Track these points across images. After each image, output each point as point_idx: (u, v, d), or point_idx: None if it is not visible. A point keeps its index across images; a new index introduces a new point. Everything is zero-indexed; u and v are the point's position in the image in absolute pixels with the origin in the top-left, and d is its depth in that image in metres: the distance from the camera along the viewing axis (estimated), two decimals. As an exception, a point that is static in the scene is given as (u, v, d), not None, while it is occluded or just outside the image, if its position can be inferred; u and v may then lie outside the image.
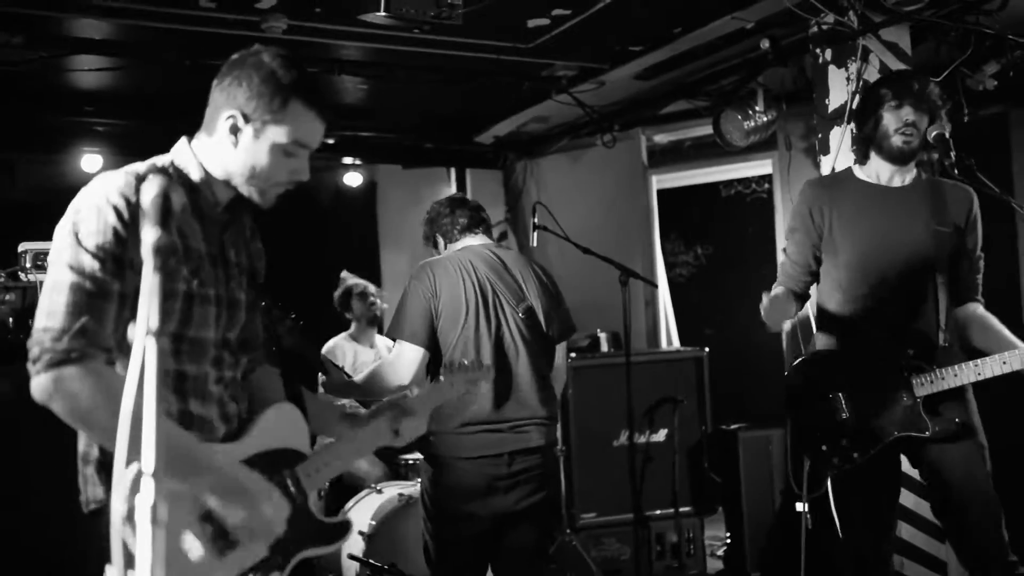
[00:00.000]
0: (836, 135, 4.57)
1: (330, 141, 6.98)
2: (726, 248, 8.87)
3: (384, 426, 2.50)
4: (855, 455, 3.21)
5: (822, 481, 3.31)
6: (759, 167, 7.19)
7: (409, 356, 3.38)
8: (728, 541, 5.60)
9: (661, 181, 7.39)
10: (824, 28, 4.55)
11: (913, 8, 4.32)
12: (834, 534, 3.72)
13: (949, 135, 3.23)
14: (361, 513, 4.63)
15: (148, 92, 5.92)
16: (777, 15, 4.73)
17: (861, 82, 4.45)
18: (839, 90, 4.57)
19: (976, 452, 3.19)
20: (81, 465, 2.07)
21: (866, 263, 3.29)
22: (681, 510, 5.49)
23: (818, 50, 4.67)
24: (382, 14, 4.14)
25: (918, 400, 3.16)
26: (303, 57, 5.16)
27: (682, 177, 7.56)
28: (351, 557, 4.41)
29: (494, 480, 3.35)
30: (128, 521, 1.33)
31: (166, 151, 2.24)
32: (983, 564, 3.15)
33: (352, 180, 7.65)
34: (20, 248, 4.31)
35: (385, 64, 5.61)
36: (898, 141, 3.23)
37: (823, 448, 3.28)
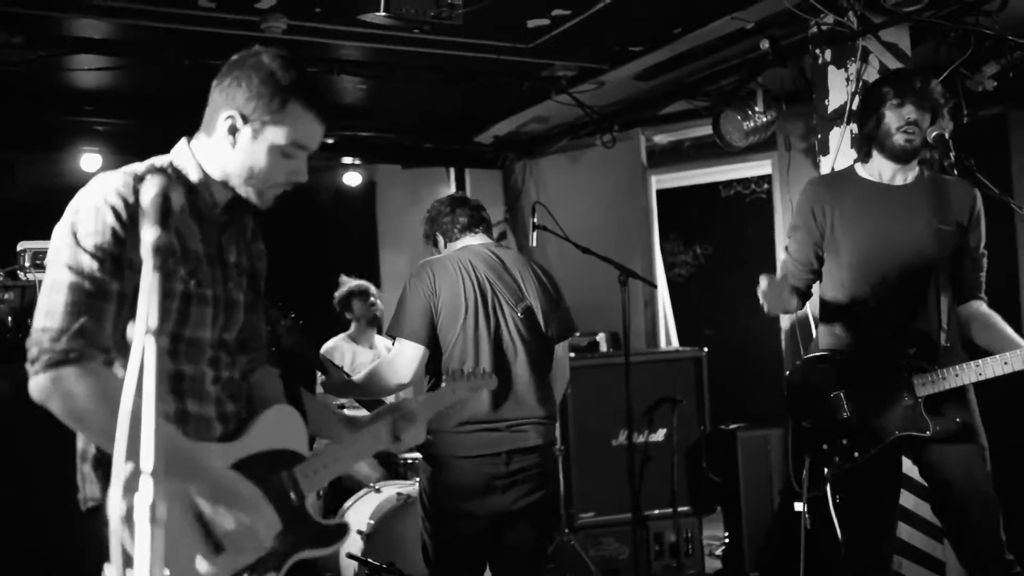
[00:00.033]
0: (836, 136, 4.57)
1: (330, 141, 6.98)
2: (725, 248, 8.87)
3: (384, 430, 2.50)
4: (856, 454, 3.21)
5: (823, 480, 3.31)
6: (758, 167, 7.18)
7: (409, 354, 3.38)
8: (726, 541, 5.60)
9: (660, 181, 7.39)
10: (824, 29, 4.55)
11: (913, 9, 4.32)
12: (833, 534, 3.73)
13: (950, 134, 3.23)
14: (360, 512, 4.63)
15: (148, 92, 5.92)
16: (777, 16, 4.72)
17: (861, 83, 4.44)
18: (839, 91, 4.57)
19: (976, 453, 3.19)
20: (79, 463, 2.08)
21: (867, 263, 3.28)
22: (680, 510, 5.48)
23: (818, 51, 4.66)
24: (382, 14, 4.14)
25: (919, 400, 3.16)
26: (303, 57, 5.17)
27: (681, 177, 7.56)
28: (350, 556, 4.41)
29: (492, 479, 3.35)
30: (127, 520, 1.33)
31: (166, 151, 2.24)
32: (983, 564, 3.15)
33: (351, 180, 7.64)
34: (19, 247, 4.31)
35: (385, 64, 5.61)
36: (900, 140, 3.22)
37: (824, 447, 3.28)
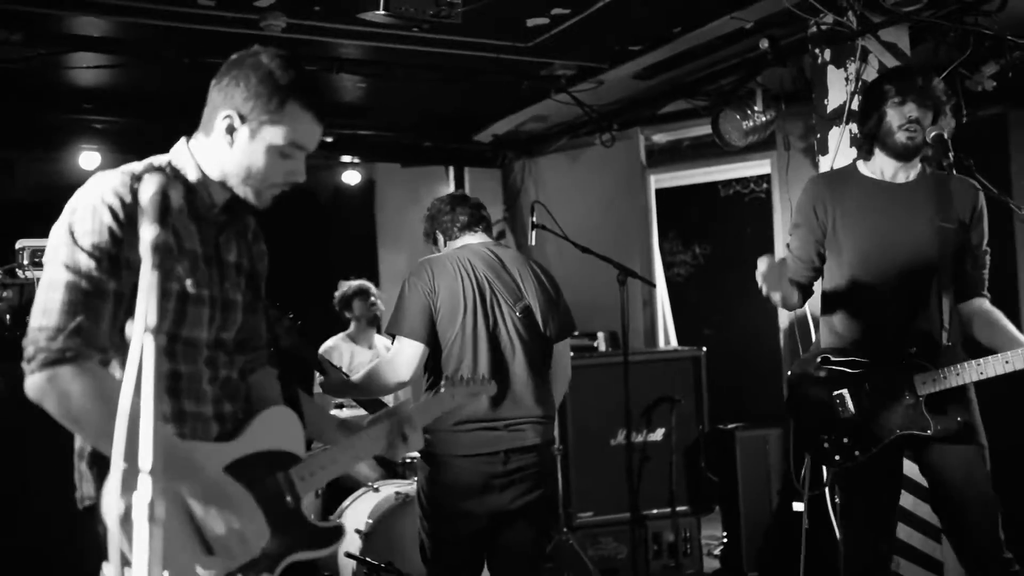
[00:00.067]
0: (835, 135, 4.57)
1: (329, 139, 6.98)
2: (724, 248, 8.87)
3: (382, 434, 2.49)
4: (857, 453, 3.20)
5: (823, 479, 3.31)
6: (758, 167, 7.18)
7: (408, 352, 3.38)
8: (725, 540, 5.61)
9: (659, 180, 7.38)
10: (823, 28, 4.55)
11: (912, 9, 4.32)
12: (832, 533, 3.73)
13: (952, 131, 3.22)
14: (358, 511, 4.63)
15: (147, 90, 5.92)
16: (776, 15, 4.72)
17: (860, 83, 4.44)
18: (838, 90, 4.57)
19: (977, 452, 3.19)
20: (77, 462, 2.08)
21: (869, 261, 3.28)
22: (678, 509, 5.48)
23: (817, 50, 4.66)
24: (381, 12, 4.14)
25: (921, 399, 3.15)
26: (302, 55, 5.18)
27: (680, 177, 7.55)
28: (348, 555, 4.41)
29: (490, 478, 3.35)
30: (125, 519, 1.33)
31: (165, 149, 2.23)
32: (982, 563, 3.15)
33: (351, 178, 7.64)
34: (17, 245, 4.30)
35: (384, 63, 5.61)
36: (902, 138, 3.21)
37: (825, 446, 3.27)
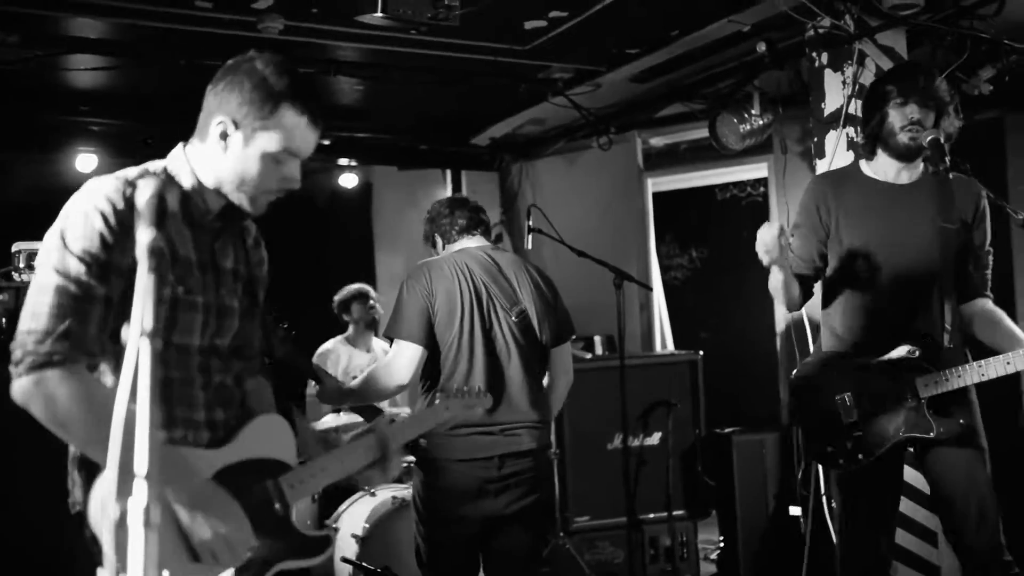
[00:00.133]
0: (832, 139, 4.57)
1: (326, 142, 6.97)
2: (721, 251, 8.87)
3: (364, 449, 2.44)
4: (860, 457, 3.19)
5: (827, 483, 3.29)
6: (755, 170, 7.19)
7: (407, 355, 3.37)
8: (722, 545, 5.60)
9: (656, 184, 7.39)
10: (820, 32, 4.55)
11: (909, 12, 4.32)
12: (829, 537, 3.73)
13: (956, 132, 3.22)
14: (355, 516, 4.62)
15: (144, 92, 5.91)
16: (773, 19, 4.73)
17: (857, 86, 4.45)
18: (835, 94, 4.57)
19: (978, 455, 3.19)
20: (70, 468, 2.07)
21: (871, 263, 3.27)
22: (675, 514, 5.47)
23: (814, 54, 4.67)
24: (379, 15, 4.13)
25: (923, 401, 3.15)
26: (299, 58, 5.18)
27: (677, 180, 7.56)
28: (344, 560, 4.40)
29: (485, 483, 3.34)
30: (120, 524, 1.32)
31: (162, 151, 2.23)
32: (983, 565, 3.14)
33: (348, 181, 7.63)
34: (14, 248, 4.30)
35: (381, 65, 5.60)
36: (904, 139, 3.19)
37: (828, 450, 3.26)
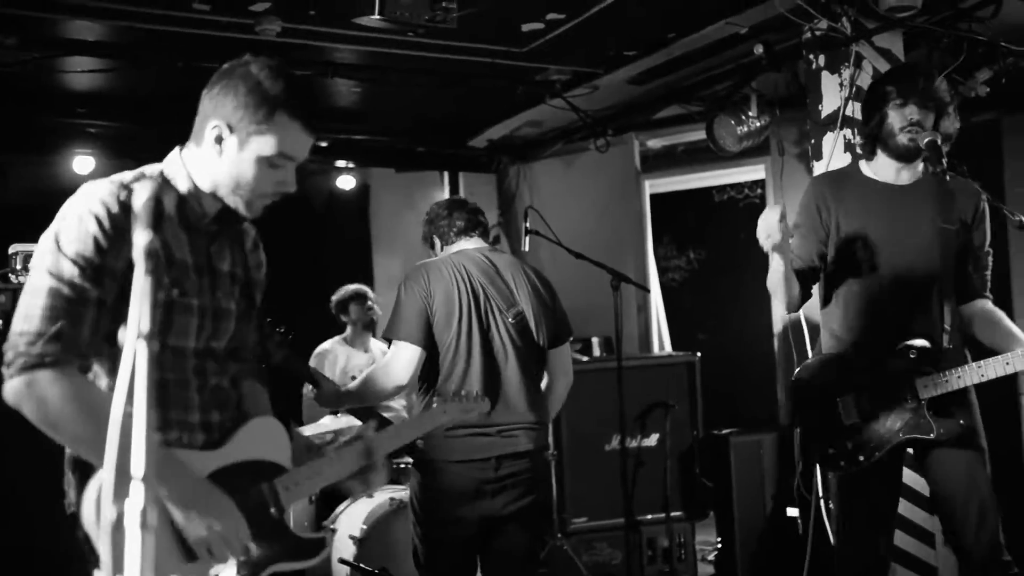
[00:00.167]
0: (829, 141, 4.58)
1: (323, 144, 6.97)
2: (719, 253, 8.89)
3: (357, 453, 2.43)
4: (861, 458, 3.19)
5: (827, 484, 3.29)
6: (752, 172, 7.19)
7: (406, 355, 3.37)
8: (719, 546, 5.60)
9: (654, 186, 7.39)
10: (817, 34, 4.56)
11: (906, 15, 4.33)
12: (826, 537, 3.73)
13: (956, 132, 3.22)
14: (352, 517, 4.62)
15: (141, 94, 5.91)
16: (771, 21, 4.73)
17: (854, 88, 4.46)
18: (832, 96, 4.58)
19: (978, 456, 3.19)
20: (66, 468, 2.07)
21: (871, 264, 3.27)
22: (672, 515, 5.47)
23: (811, 56, 4.67)
24: (376, 17, 4.14)
25: (923, 402, 3.15)
26: (296, 60, 5.18)
27: (675, 182, 7.56)
28: (342, 561, 4.40)
29: (482, 484, 3.34)
30: (116, 526, 1.32)
31: (159, 153, 2.23)
32: (982, 565, 3.14)
33: (345, 183, 7.63)
34: (11, 250, 4.30)
35: (379, 67, 5.60)
36: (903, 140, 3.20)
37: (829, 451, 3.26)
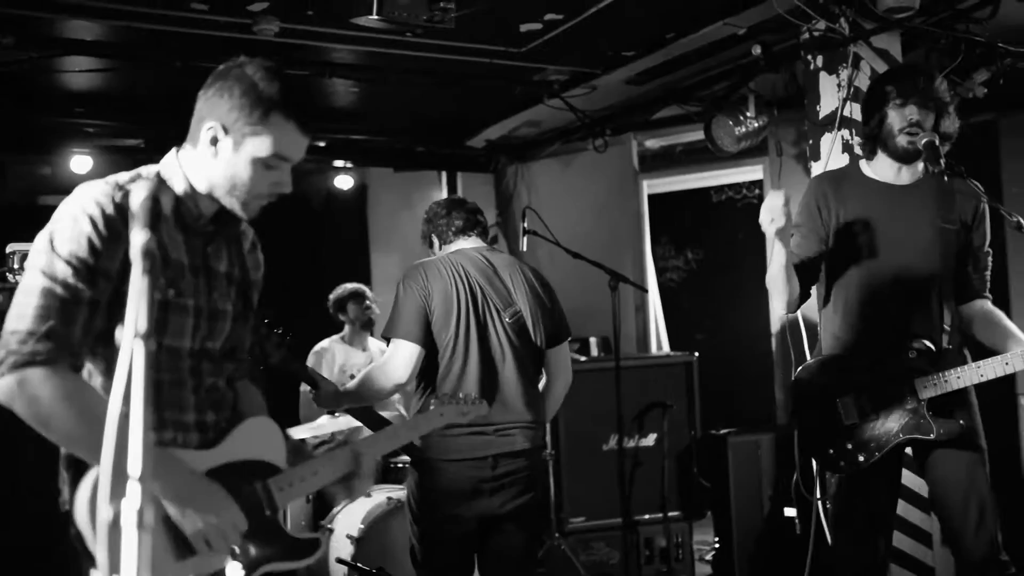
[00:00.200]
0: (827, 141, 4.58)
1: (321, 144, 6.98)
2: (717, 253, 8.89)
3: (344, 458, 2.43)
4: (861, 459, 3.19)
5: (827, 485, 3.28)
6: (750, 173, 7.20)
7: (405, 353, 3.37)
8: (717, 546, 5.60)
9: (652, 186, 7.40)
10: (815, 35, 4.56)
11: (904, 16, 4.34)
12: (834, 538, 3.72)
13: (956, 132, 3.22)
14: (350, 516, 4.62)
15: (139, 94, 5.91)
16: (769, 21, 4.74)
17: (852, 89, 4.46)
18: (830, 96, 4.59)
19: (978, 456, 3.19)
20: (61, 466, 2.07)
21: (871, 263, 3.28)
22: (670, 515, 5.48)
23: (809, 57, 4.68)
24: (374, 17, 4.14)
25: (922, 403, 3.15)
26: (295, 60, 5.18)
27: (673, 182, 7.57)
28: (339, 561, 4.40)
29: (479, 482, 3.34)
30: (114, 525, 1.32)
31: (156, 153, 2.23)
32: (980, 565, 3.14)
33: (343, 183, 7.63)
34: (8, 249, 4.29)
35: (377, 67, 5.60)
36: (902, 142, 3.20)
37: (829, 452, 3.26)
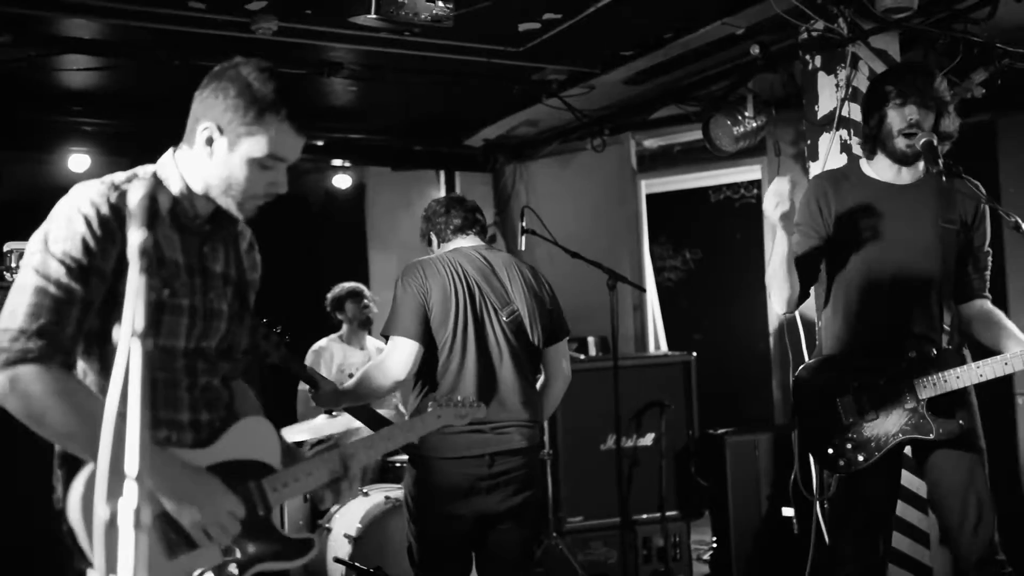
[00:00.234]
0: (825, 141, 4.59)
1: (319, 143, 6.97)
2: (714, 253, 8.89)
3: (332, 461, 2.41)
4: (860, 458, 3.19)
5: (826, 485, 3.29)
6: (748, 172, 7.21)
7: (403, 350, 3.37)
8: (714, 545, 5.60)
9: (650, 185, 7.40)
10: (814, 35, 4.56)
11: (902, 16, 4.34)
12: (832, 538, 3.72)
13: (956, 131, 3.22)
14: (348, 516, 4.61)
15: (137, 92, 5.90)
16: (767, 21, 4.74)
17: (850, 89, 4.47)
18: (828, 96, 4.59)
19: (977, 456, 3.19)
20: (55, 464, 2.08)
21: (871, 263, 3.28)
22: (668, 514, 5.48)
23: (808, 56, 4.68)
24: (373, 16, 4.14)
25: (922, 403, 3.15)
26: (293, 59, 5.18)
27: (671, 182, 7.57)
28: (337, 560, 4.40)
29: (476, 480, 3.34)
30: (110, 525, 1.32)
31: (154, 152, 2.23)
32: (978, 565, 3.14)
33: (341, 182, 7.62)
34: (6, 248, 4.28)
35: (375, 66, 5.60)
36: (901, 144, 3.20)
37: (830, 452, 3.26)
